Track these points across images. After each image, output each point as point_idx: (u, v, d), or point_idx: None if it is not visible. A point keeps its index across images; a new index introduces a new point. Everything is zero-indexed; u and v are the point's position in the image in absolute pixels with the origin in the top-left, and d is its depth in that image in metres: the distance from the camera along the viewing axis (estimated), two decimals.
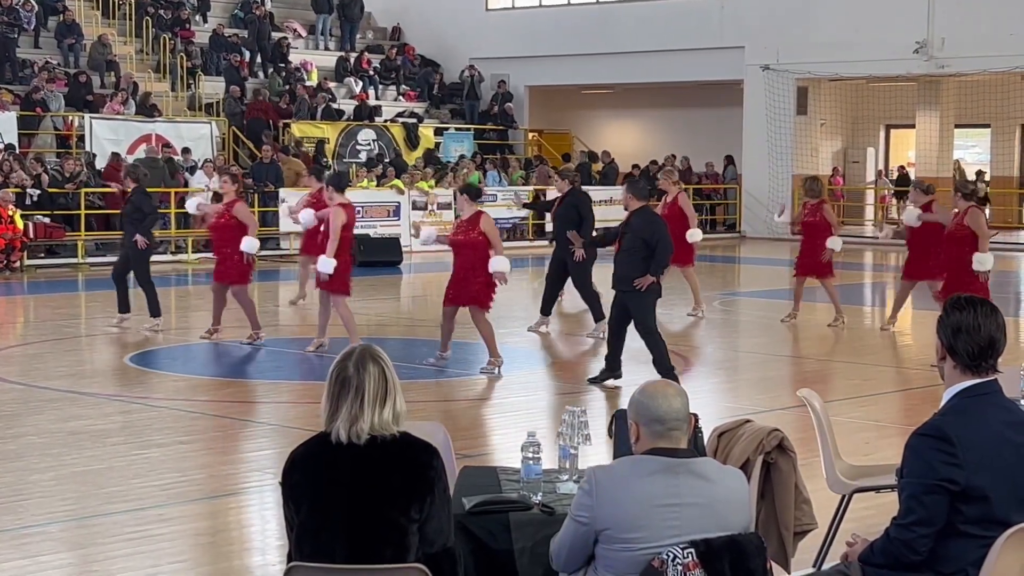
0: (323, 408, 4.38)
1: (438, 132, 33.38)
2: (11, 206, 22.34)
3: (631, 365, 12.20)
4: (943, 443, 4.37)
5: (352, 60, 34.96)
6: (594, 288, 15.43)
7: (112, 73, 30.00)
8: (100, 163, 25.94)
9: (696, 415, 4.71)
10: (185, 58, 31.31)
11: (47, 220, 23.94)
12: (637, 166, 33.15)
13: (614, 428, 5.45)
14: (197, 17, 34.11)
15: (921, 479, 4.38)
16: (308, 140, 30.30)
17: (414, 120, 33.61)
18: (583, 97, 38.49)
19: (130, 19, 32.14)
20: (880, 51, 30.48)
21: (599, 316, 15.36)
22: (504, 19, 37.21)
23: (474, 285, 12.63)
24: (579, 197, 15.70)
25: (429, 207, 28.27)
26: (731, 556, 4.26)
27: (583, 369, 13.98)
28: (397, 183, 28.13)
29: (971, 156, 37.40)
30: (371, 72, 35.04)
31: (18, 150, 25.35)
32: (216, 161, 26.74)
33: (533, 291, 20.24)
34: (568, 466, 5.42)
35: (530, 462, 5.24)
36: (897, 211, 36.54)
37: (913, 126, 35.63)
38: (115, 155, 25.77)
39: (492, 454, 9.55)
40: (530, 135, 36.60)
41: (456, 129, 34.06)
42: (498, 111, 35.61)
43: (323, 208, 15.33)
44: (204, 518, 8.06)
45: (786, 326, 16.44)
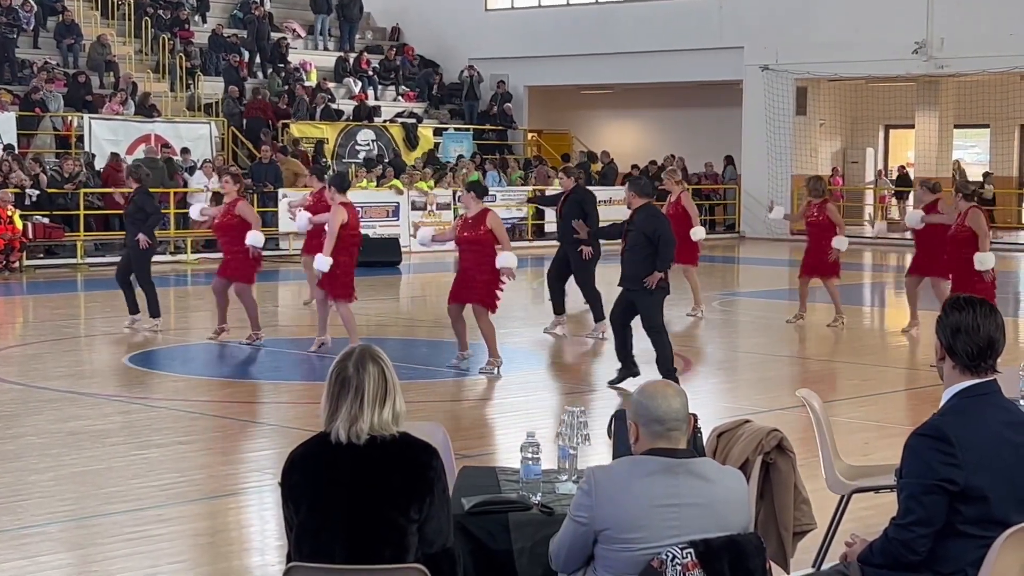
0: (323, 408, 4.38)
1: (437, 132, 33.38)
2: (10, 206, 22.34)
3: (641, 364, 12.16)
4: (942, 443, 4.37)
5: (351, 60, 34.95)
6: (596, 288, 15.42)
7: (111, 73, 29.99)
8: (99, 163, 25.93)
9: (695, 415, 4.71)
10: (184, 58, 31.30)
11: (46, 220, 23.95)
12: (636, 166, 33.14)
13: (613, 428, 5.45)
14: (196, 17, 34.11)
15: (920, 479, 4.38)
16: (307, 140, 30.29)
17: (413, 120, 33.60)
18: (582, 97, 38.48)
19: (129, 19, 32.14)
20: (879, 51, 30.49)
21: (599, 316, 15.36)
22: (503, 19, 37.21)
23: (479, 283, 12.60)
24: (583, 195, 15.71)
25: (428, 207, 28.28)
26: (730, 556, 4.26)
27: (583, 369, 13.99)
28: (396, 183, 28.13)
29: (970, 156, 37.39)
30: (370, 72, 35.03)
31: (17, 150, 25.34)
32: (215, 161, 26.74)
33: (533, 291, 20.25)
34: (567, 466, 5.42)
35: (529, 462, 5.24)
36: (899, 211, 36.59)
37: (912, 126, 35.63)
38: (114, 155, 25.76)
39: (491, 454, 9.54)
40: (529, 135, 36.60)
41: (455, 129, 34.06)
42: (497, 111, 35.60)
43: (324, 208, 15.32)
44: (203, 518, 8.06)
45: (792, 327, 16.39)
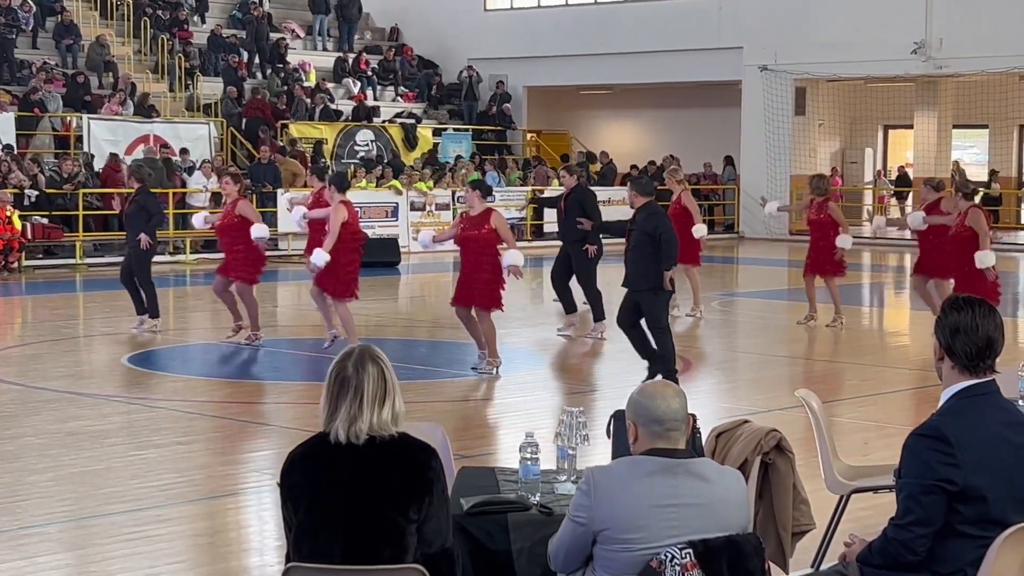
0: (322, 408, 4.38)
1: (436, 133, 33.37)
2: (9, 207, 22.34)
3: (640, 364, 12.15)
4: (941, 443, 4.37)
5: (350, 61, 34.94)
6: (597, 287, 15.43)
7: (110, 74, 29.99)
8: (98, 164, 25.93)
9: (694, 415, 4.71)
10: (183, 59, 31.30)
11: (45, 221, 23.94)
12: (635, 166, 33.13)
13: (612, 428, 5.44)
14: (195, 18, 34.11)
15: (919, 479, 4.38)
16: (306, 141, 30.29)
17: (412, 121, 33.60)
18: (581, 97, 38.48)
19: (128, 20, 32.14)
20: (878, 52, 30.49)
21: (599, 316, 15.36)
22: (502, 20, 37.21)
23: (480, 283, 12.58)
24: (584, 194, 15.71)
25: (427, 207, 28.28)
26: (729, 556, 4.26)
27: (582, 369, 13.99)
28: (395, 184, 28.13)
29: (969, 156, 37.39)
30: (369, 73, 35.03)
31: (16, 151, 25.33)
32: (214, 162, 26.74)
33: (532, 291, 20.25)
34: (566, 467, 5.42)
35: (528, 462, 5.24)
36: (899, 212, 36.63)
37: (911, 126, 35.64)
38: (113, 156, 25.75)
39: (490, 455, 9.54)
40: (528, 136, 36.60)
41: (454, 130, 34.05)
42: (496, 111, 35.59)
43: (322, 207, 15.30)
44: (202, 519, 8.06)
45: (789, 327, 16.37)
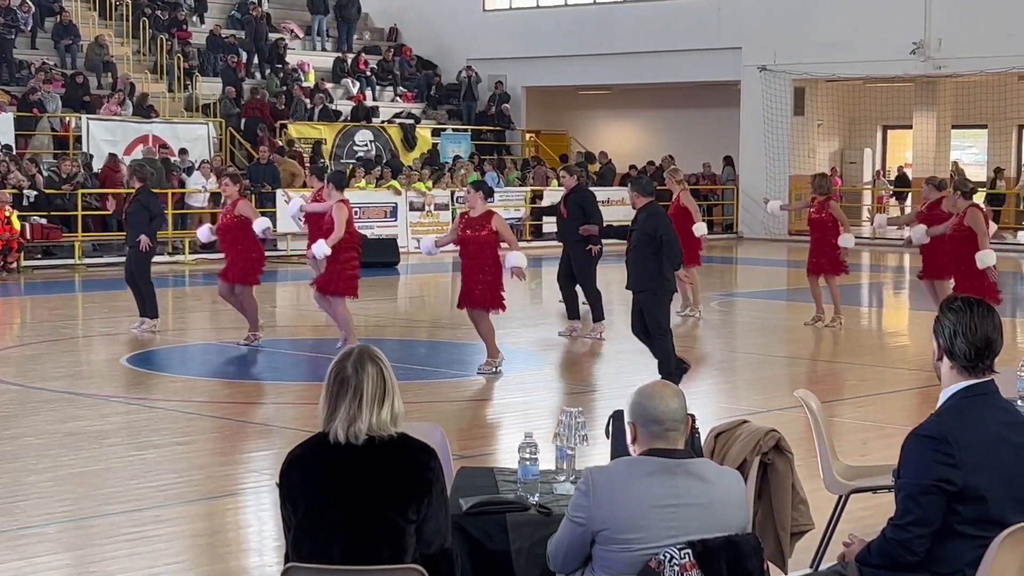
0: (321, 408, 4.38)
1: (435, 133, 33.37)
2: (8, 207, 22.34)
3: (639, 365, 12.15)
4: (940, 443, 4.37)
5: (349, 61, 34.94)
6: (596, 288, 15.43)
7: (109, 74, 29.98)
8: (97, 164, 25.93)
9: (693, 416, 4.71)
10: (182, 59, 31.29)
11: (44, 221, 23.94)
12: (634, 167, 33.13)
13: (611, 429, 5.44)
14: (194, 18, 34.10)
15: (918, 479, 4.38)
16: (305, 141, 30.29)
17: (411, 121, 33.59)
18: (580, 98, 38.48)
19: (127, 20, 32.14)
20: (877, 52, 30.49)
21: (599, 316, 15.37)
22: (501, 20, 37.21)
23: (481, 284, 12.58)
24: (584, 195, 15.70)
25: (426, 208, 28.27)
26: (728, 556, 4.26)
27: (581, 370, 13.99)
28: (394, 184, 28.12)
29: (968, 157, 37.38)
30: (368, 73, 35.02)
31: (15, 151, 25.33)
32: (213, 162, 26.73)
33: (531, 292, 20.24)
34: (565, 467, 5.42)
35: (527, 463, 5.24)
36: (900, 212, 36.60)
37: (910, 127, 35.65)
38: (112, 156, 25.75)
39: (489, 455, 9.54)
40: (527, 136, 36.60)
41: (453, 130, 34.04)
42: (495, 112, 35.59)
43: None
44: (201, 519, 8.06)
45: (788, 328, 16.36)
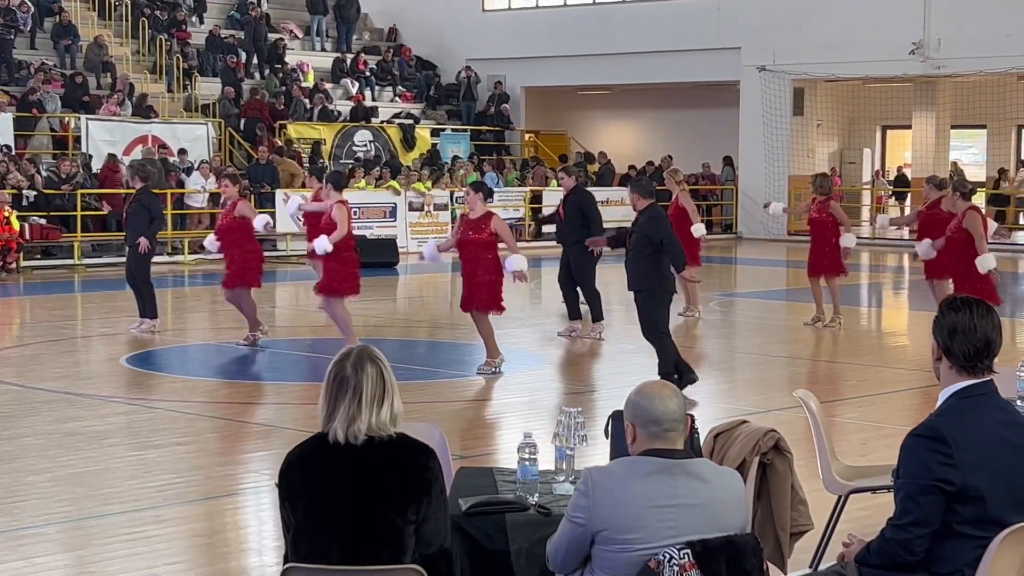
0: (320, 408, 4.38)
1: (435, 133, 33.37)
2: (7, 207, 22.33)
3: (638, 365, 12.14)
4: (939, 444, 4.37)
5: (348, 61, 34.93)
6: (596, 288, 15.43)
7: (108, 74, 29.97)
8: (96, 164, 25.92)
9: (692, 416, 4.71)
10: (181, 59, 31.28)
11: (43, 221, 23.94)
12: (633, 167, 33.14)
13: (610, 429, 5.44)
14: (193, 18, 34.09)
15: (917, 480, 4.38)
16: (304, 141, 30.28)
17: (410, 121, 33.59)
18: (579, 98, 38.48)
19: (126, 20, 32.14)
20: (876, 52, 30.50)
21: (598, 316, 15.38)
22: (500, 20, 37.21)
23: (481, 286, 12.58)
24: (582, 196, 15.70)
25: (425, 208, 28.27)
26: (727, 557, 4.26)
27: (580, 370, 13.99)
28: (393, 184, 28.12)
29: (967, 157, 37.41)
30: (367, 73, 35.02)
31: (14, 151, 25.32)
32: (212, 162, 26.73)
33: (530, 292, 20.23)
34: (564, 467, 5.42)
35: (526, 463, 5.23)
36: (899, 212, 36.60)
37: (909, 127, 35.66)
38: (111, 156, 25.75)
39: (489, 455, 9.54)
40: (526, 136, 36.60)
41: (453, 130, 34.05)
42: (494, 112, 35.59)
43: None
44: (201, 519, 8.05)
45: (786, 327, 16.36)
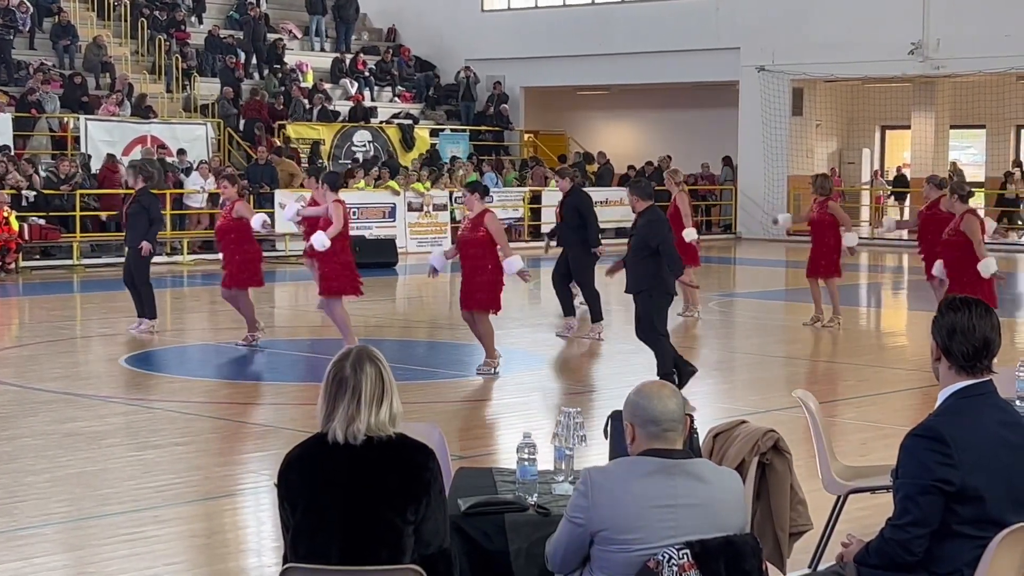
0: (319, 409, 4.38)
1: (434, 133, 33.36)
2: (6, 207, 22.33)
3: (637, 365, 12.14)
4: (938, 444, 4.37)
5: (347, 61, 34.93)
6: (595, 288, 15.44)
7: (107, 74, 29.97)
8: (95, 165, 25.92)
9: (691, 416, 4.70)
10: (180, 59, 31.28)
11: (42, 222, 23.93)
12: (633, 167, 33.14)
13: (610, 429, 5.44)
14: (192, 18, 34.09)
15: (916, 480, 4.38)
16: (303, 141, 30.28)
17: (410, 121, 33.58)
18: (579, 98, 38.48)
19: (125, 20, 32.13)
20: (875, 52, 30.50)
21: (597, 316, 15.38)
22: (500, 20, 37.21)
23: (479, 286, 12.59)
24: (579, 198, 15.69)
25: (425, 208, 28.26)
26: (727, 557, 4.26)
27: (580, 370, 13.99)
28: (392, 184, 28.12)
29: (966, 157, 37.41)
30: (366, 73, 35.02)
31: (13, 151, 25.32)
32: (211, 163, 26.73)
33: (529, 292, 20.23)
34: (564, 467, 5.42)
35: (526, 463, 5.23)
36: (898, 212, 36.64)
37: (908, 127, 35.64)
38: (110, 156, 25.75)
39: (488, 455, 9.54)
40: (526, 136, 36.59)
41: (452, 130, 34.04)
42: (494, 112, 35.59)
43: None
44: (200, 519, 8.05)
45: (786, 328, 16.36)
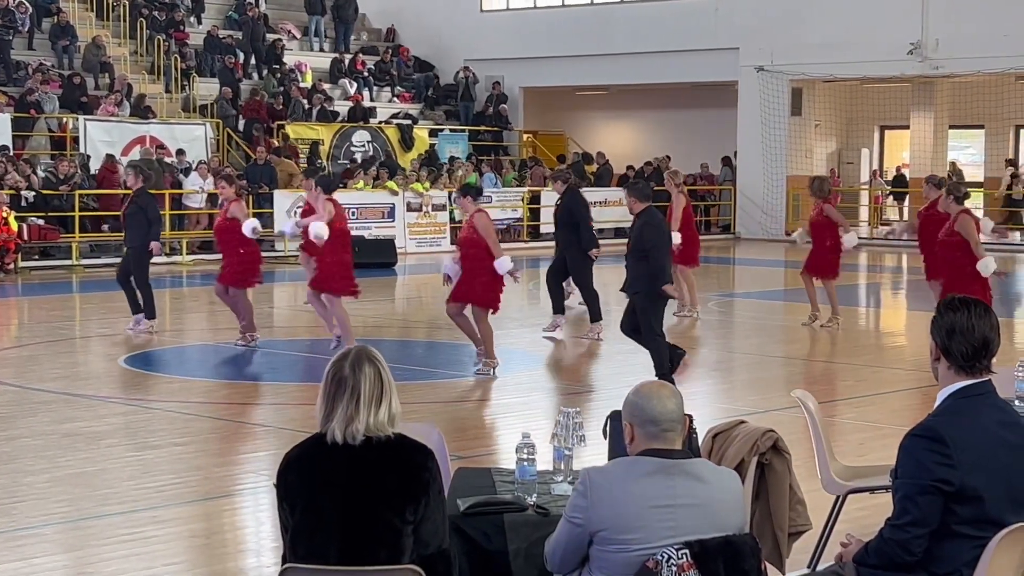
0: (318, 409, 4.38)
1: (433, 133, 33.35)
2: (5, 208, 22.32)
3: (636, 365, 12.15)
4: (937, 444, 4.37)
5: (347, 61, 34.92)
6: (594, 288, 15.45)
7: (106, 75, 29.96)
8: (94, 165, 25.92)
9: (690, 416, 4.71)
10: (179, 60, 31.28)
11: (41, 222, 23.93)
12: (632, 167, 33.14)
13: (609, 429, 5.44)
14: (191, 19, 34.07)
15: (915, 480, 4.38)
16: (302, 141, 30.27)
17: (409, 121, 33.57)
18: (578, 98, 38.48)
19: (124, 21, 32.12)
20: (874, 52, 30.50)
21: (596, 317, 15.39)
22: (499, 20, 37.20)
23: (478, 284, 12.62)
24: (573, 200, 15.69)
25: (424, 208, 28.26)
26: (726, 557, 4.26)
27: (579, 370, 13.99)
28: (391, 185, 28.12)
29: (965, 157, 37.42)
30: (365, 73, 35.01)
31: (12, 152, 25.31)
32: (211, 163, 26.72)
33: (528, 292, 20.23)
34: (563, 467, 5.42)
35: (525, 463, 5.23)
36: (897, 213, 36.68)
37: (907, 127, 35.66)
38: (109, 157, 25.75)
39: (487, 455, 9.54)
40: (525, 136, 36.59)
41: (451, 130, 34.03)
42: (493, 112, 35.58)
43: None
44: (199, 520, 8.05)
45: (785, 327, 16.36)
